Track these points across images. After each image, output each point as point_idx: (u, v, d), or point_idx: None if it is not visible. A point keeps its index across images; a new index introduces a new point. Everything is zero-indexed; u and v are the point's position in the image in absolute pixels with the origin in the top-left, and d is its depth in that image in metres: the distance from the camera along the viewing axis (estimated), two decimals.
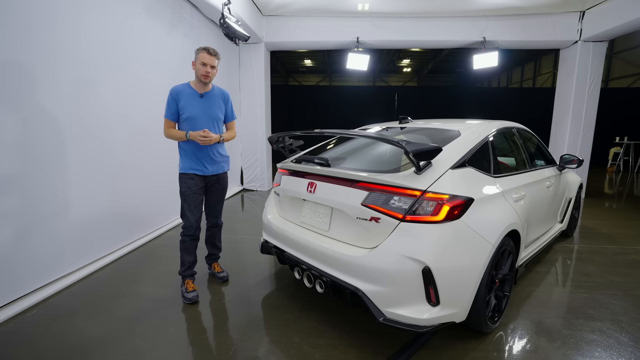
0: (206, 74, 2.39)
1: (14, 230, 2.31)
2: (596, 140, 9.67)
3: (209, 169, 2.49)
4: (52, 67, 2.51)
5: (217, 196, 2.66)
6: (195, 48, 2.41)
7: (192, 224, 2.46)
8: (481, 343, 1.98)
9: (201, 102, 2.45)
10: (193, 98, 2.42)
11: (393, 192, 1.76)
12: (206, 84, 2.45)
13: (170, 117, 2.41)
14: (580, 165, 3.31)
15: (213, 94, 2.52)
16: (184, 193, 2.45)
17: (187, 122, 2.40)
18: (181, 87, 2.43)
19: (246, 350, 1.91)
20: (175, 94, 2.39)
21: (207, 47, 2.40)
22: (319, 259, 1.99)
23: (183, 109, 2.39)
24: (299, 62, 21.49)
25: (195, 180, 2.46)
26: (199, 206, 2.51)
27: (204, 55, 2.37)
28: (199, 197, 2.51)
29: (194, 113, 2.40)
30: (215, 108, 2.50)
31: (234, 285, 2.71)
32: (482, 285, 1.83)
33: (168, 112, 2.40)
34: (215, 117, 2.50)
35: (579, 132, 5.78)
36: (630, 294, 2.58)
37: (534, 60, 18.55)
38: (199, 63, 2.38)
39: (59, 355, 1.86)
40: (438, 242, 1.67)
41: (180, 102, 2.39)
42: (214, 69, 2.43)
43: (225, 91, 2.64)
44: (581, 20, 5.45)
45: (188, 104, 2.40)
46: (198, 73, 2.40)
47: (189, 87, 2.44)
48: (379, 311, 1.71)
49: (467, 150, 2.06)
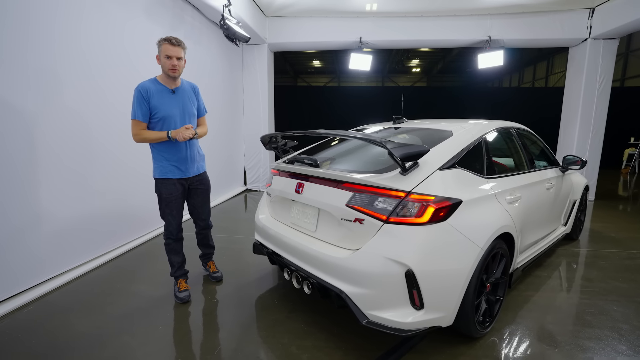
0: (173, 68, 2.19)
1: (12, 227, 2.36)
2: (610, 141, 9.43)
3: (189, 171, 2.38)
4: (52, 68, 2.57)
5: (202, 198, 2.54)
6: (157, 41, 2.21)
7: (174, 228, 2.39)
8: (471, 348, 1.93)
9: (174, 98, 2.27)
10: (165, 95, 2.23)
11: (377, 193, 1.74)
12: (175, 78, 2.26)
13: (142, 117, 2.18)
14: (584, 166, 3.21)
15: (184, 88, 2.35)
16: (165, 198, 2.32)
17: (162, 122, 2.23)
18: (149, 84, 2.21)
19: (231, 350, 1.91)
20: (145, 92, 2.16)
21: (169, 37, 2.18)
22: (306, 260, 1.98)
23: (156, 107, 2.19)
24: (307, 63, 21.53)
25: (176, 185, 2.33)
26: (180, 209, 2.42)
27: (167, 47, 2.15)
28: (181, 200, 2.41)
29: (170, 112, 2.23)
30: (189, 104, 2.35)
31: (228, 285, 2.72)
32: (470, 289, 1.78)
33: (139, 113, 2.16)
34: (191, 113, 2.36)
35: (588, 133, 5.61)
36: (633, 301, 2.48)
37: (547, 59, 18.14)
38: (163, 56, 2.17)
39: (49, 351, 1.90)
40: (422, 245, 1.64)
41: (151, 100, 2.17)
42: (181, 61, 2.22)
43: (195, 84, 2.49)
44: (591, 17, 5.30)
45: (161, 102, 2.21)
46: (165, 68, 2.20)
47: (157, 84, 2.24)
48: (362, 314, 1.69)
49: (458, 151, 2.01)
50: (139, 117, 2.18)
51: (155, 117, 2.22)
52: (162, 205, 2.37)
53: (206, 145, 5.02)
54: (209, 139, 5.08)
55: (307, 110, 11.27)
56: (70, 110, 2.75)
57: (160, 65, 2.24)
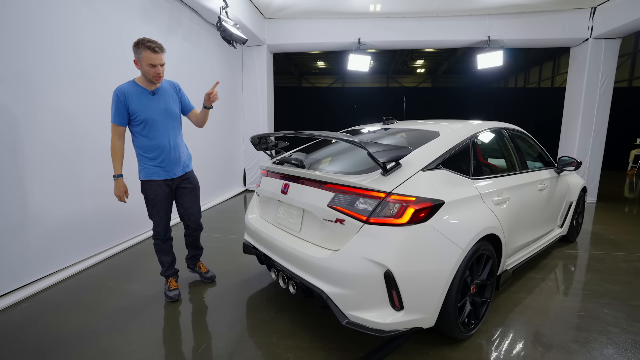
0: (157, 75, 2.15)
1: (7, 226, 2.41)
2: (616, 142, 9.30)
3: (174, 171, 2.36)
4: (49, 70, 2.62)
5: (191, 197, 2.50)
6: (133, 43, 2.10)
7: (161, 229, 2.40)
8: (454, 350, 1.93)
9: (154, 100, 2.23)
10: (144, 97, 2.19)
11: (358, 194, 1.74)
12: (156, 83, 2.24)
13: (119, 121, 2.15)
14: (579, 167, 3.18)
15: (164, 88, 2.30)
16: (152, 200, 2.32)
17: (144, 126, 2.20)
18: (127, 87, 2.16)
19: (216, 349, 1.93)
20: (122, 96, 2.12)
21: (149, 43, 2.07)
22: (290, 260, 1.99)
23: (136, 111, 2.16)
24: (312, 64, 21.58)
25: (163, 187, 2.32)
26: (167, 211, 2.42)
27: (149, 55, 2.08)
28: (169, 201, 2.41)
29: (151, 114, 2.19)
30: (171, 103, 2.31)
31: (219, 284, 2.74)
32: (452, 291, 1.77)
33: (116, 117, 2.14)
34: (173, 114, 2.32)
35: (590, 133, 5.53)
36: (626, 304, 2.45)
37: (553, 59, 17.93)
38: (145, 64, 2.10)
39: (38, 347, 1.94)
40: (401, 246, 1.64)
41: (130, 104, 2.14)
42: (164, 67, 2.17)
43: (174, 82, 2.43)
44: (592, 17, 5.23)
45: (140, 105, 2.16)
46: (148, 75, 2.15)
47: (136, 86, 2.19)
48: (342, 314, 1.69)
49: (443, 152, 2.01)
50: (116, 122, 2.16)
51: (136, 120, 2.19)
52: (149, 207, 2.37)
53: (205, 146, 5.11)
54: (208, 140, 5.16)
55: (309, 111, 11.31)
56: (67, 111, 2.81)
57: (139, 70, 2.17)
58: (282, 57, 17.91)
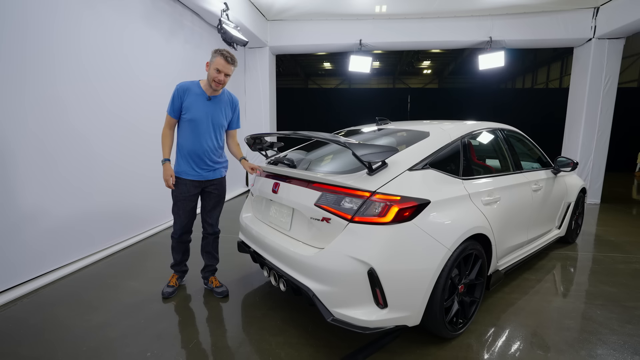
0: (218, 82, 2.23)
1: (9, 223, 2.50)
2: (623, 144, 9.13)
3: (203, 175, 2.38)
4: (52, 73, 2.70)
5: (214, 202, 2.51)
6: (213, 49, 2.25)
7: (178, 228, 2.45)
8: (441, 349, 1.94)
9: (207, 105, 2.31)
10: (200, 99, 2.29)
11: (344, 193, 1.77)
12: (216, 90, 2.32)
13: (172, 113, 2.29)
14: (575, 168, 3.16)
15: (222, 98, 2.38)
16: (176, 196, 2.39)
17: (189, 124, 2.29)
18: (190, 85, 2.29)
19: (205, 344, 1.98)
20: (181, 90, 2.26)
21: (225, 53, 2.21)
22: (280, 258, 2.02)
23: (187, 108, 2.26)
24: (318, 65, 21.61)
25: (188, 186, 2.35)
26: (189, 212, 2.44)
27: (220, 61, 2.18)
28: (191, 203, 2.41)
29: (198, 116, 2.28)
30: (221, 114, 2.37)
31: None
32: (438, 290, 1.79)
33: (171, 108, 2.29)
34: (218, 123, 2.37)
35: (593, 134, 5.47)
36: (620, 305, 2.43)
37: (561, 60, 17.66)
38: (213, 68, 2.20)
39: (34, 341, 2.00)
40: (385, 244, 1.66)
41: (185, 100, 2.26)
42: (228, 77, 2.26)
43: (235, 97, 2.51)
44: (595, 17, 5.18)
45: (193, 104, 2.27)
46: (210, 77, 2.24)
47: (198, 87, 2.31)
48: (327, 311, 1.72)
49: (431, 152, 2.03)
50: (169, 112, 2.31)
51: (185, 116, 2.29)
52: (173, 202, 2.42)
53: None
54: None
55: (311, 111, 11.36)
56: (69, 113, 2.89)
57: (207, 72, 2.27)
58: (289, 59, 17.98)
